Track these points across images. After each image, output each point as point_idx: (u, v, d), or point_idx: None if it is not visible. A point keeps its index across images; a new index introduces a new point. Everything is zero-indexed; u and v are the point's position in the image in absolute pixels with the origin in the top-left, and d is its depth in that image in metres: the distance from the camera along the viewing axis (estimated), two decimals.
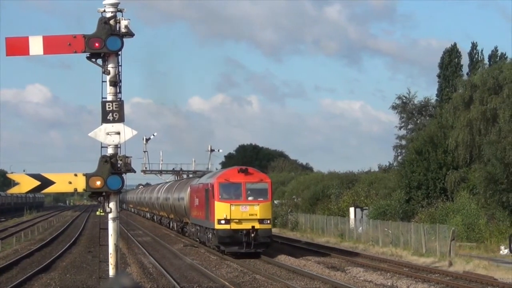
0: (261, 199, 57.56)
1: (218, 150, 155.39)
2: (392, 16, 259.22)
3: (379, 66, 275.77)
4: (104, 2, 20.90)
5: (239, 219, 56.37)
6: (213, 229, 58.33)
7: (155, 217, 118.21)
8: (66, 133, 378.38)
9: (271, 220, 59.61)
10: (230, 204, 56.73)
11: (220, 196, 57.38)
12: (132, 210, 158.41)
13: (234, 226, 56.21)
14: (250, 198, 57.37)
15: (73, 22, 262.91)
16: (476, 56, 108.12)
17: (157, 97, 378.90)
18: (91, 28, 20.69)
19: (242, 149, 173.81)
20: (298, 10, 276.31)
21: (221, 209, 56.65)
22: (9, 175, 24.27)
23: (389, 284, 43.19)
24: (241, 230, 56.09)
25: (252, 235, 55.77)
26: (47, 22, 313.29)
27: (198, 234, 68.55)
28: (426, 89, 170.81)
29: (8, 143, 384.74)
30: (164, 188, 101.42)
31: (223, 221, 56.33)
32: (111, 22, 20.71)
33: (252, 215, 56.40)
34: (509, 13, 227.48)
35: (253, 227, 55.99)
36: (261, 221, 56.32)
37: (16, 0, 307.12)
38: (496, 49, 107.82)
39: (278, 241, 72.32)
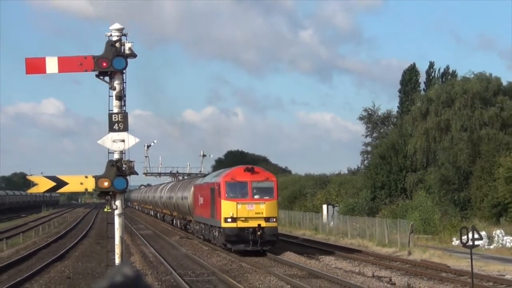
0: (267, 197, 51.14)
1: (209, 155, 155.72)
2: (358, 39, 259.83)
3: (347, 82, 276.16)
4: (110, 28, 20.86)
5: (245, 218, 50.14)
6: (220, 227, 52.11)
7: (158, 214, 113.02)
8: (77, 141, 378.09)
9: (277, 218, 53.24)
10: (237, 203, 50.41)
11: (226, 195, 51.14)
12: (136, 207, 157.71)
13: (240, 224, 50.09)
14: (256, 197, 50.98)
15: (81, 43, 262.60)
16: (432, 73, 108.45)
17: (155, 109, 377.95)
18: (96, 47, 20.72)
19: (230, 154, 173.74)
20: (276, 34, 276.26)
21: (228, 208, 50.51)
22: (29, 177, 24.16)
23: (356, 270, 43.12)
24: (248, 228, 49.88)
25: (259, 233, 49.64)
26: (58, 43, 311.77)
27: (203, 231, 62.27)
28: (388, 103, 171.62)
29: (27, 149, 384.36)
30: (167, 188, 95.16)
31: (229, 220, 50.21)
32: (117, 44, 20.66)
33: (258, 213, 50.17)
34: (460, 36, 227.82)
35: (259, 225, 49.81)
36: (267, 219, 50.13)
37: (29, 24, 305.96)
38: (448, 68, 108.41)
39: None
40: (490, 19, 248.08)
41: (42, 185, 22.12)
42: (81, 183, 21.60)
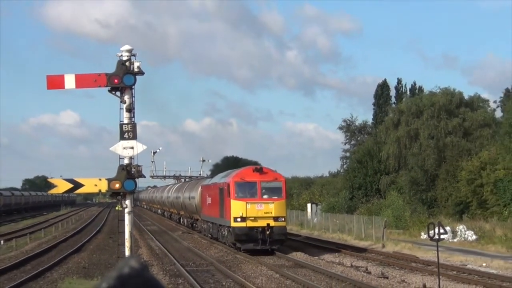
0: (276, 197, 46.63)
1: (208, 160, 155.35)
2: (337, 59, 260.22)
3: (328, 96, 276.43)
4: (121, 48, 20.90)
5: (254, 217, 45.72)
6: (229, 226, 47.49)
7: (165, 213, 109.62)
8: (91, 148, 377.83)
9: (286, 218, 49.14)
10: (246, 203, 46.02)
11: (236, 195, 46.67)
12: (145, 206, 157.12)
13: (249, 223, 45.67)
14: (265, 197, 46.58)
15: (95, 62, 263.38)
16: (401, 89, 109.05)
17: (160, 120, 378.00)
18: (108, 65, 20.69)
19: (226, 159, 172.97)
20: (265, 54, 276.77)
21: (237, 207, 46.10)
22: (49, 180, 24.19)
23: (337, 261, 43.17)
24: (257, 227, 45.57)
25: (267, 232, 45.26)
26: (74, 62, 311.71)
27: (211, 230, 57.35)
28: (364, 114, 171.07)
29: (48, 155, 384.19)
30: (174, 188, 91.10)
31: (239, 219, 45.80)
32: (127, 63, 20.67)
33: (267, 213, 45.80)
34: (426, 55, 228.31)
35: (268, 224, 45.39)
36: (276, 218, 45.71)
37: (50, 45, 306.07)
38: (415, 84, 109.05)
39: None
40: (453, 40, 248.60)
41: (61, 186, 22.15)
42: (95, 185, 21.62)
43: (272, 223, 45.53)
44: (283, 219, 46.57)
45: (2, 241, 56.53)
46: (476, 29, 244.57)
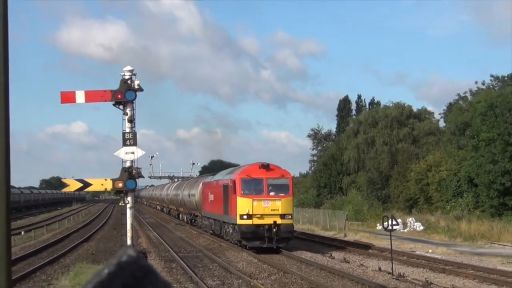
0: (282, 194, 40.05)
1: (197, 163, 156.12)
2: (305, 77, 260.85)
3: (297, 109, 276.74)
4: (124, 69, 20.86)
5: (261, 214, 39.29)
6: (235, 224, 40.84)
7: (164, 209, 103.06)
8: (98, 153, 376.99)
9: (293, 215, 41.81)
10: (253, 200, 39.42)
11: (242, 192, 40.17)
12: (144, 203, 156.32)
13: (256, 221, 39.28)
14: (271, 194, 40.02)
15: (101, 80, 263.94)
16: (360, 103, 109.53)
17: (156, 129, 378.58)
18: (111, 82, 20.65)
19: (212, 162, 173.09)
20: (244, 73, 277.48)
21: (243, 205, 39.66)
22: (62, 180, 24.05)
23: (306, 248, 43.15)
24: (263, 225, 39.19)
25: (274, 230, 38.93)
26: (84, 80, 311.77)
27: (213, 227, 50.40)
28: (328, 124, 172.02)
29: (61, 159, 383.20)
30: (173, 187, 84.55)
31: (245, 216, 39.41)
32: (129, 81, 20.63)
33: (274, 210, 39.34)
34: (380, 74, 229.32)
35: (275, 222, 38.97)
36: (282, 216, 39.22)
37: (63, 65, 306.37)
38: (373, 98, 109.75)
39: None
40: (403, 62, 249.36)
41: (73, 185, 22.07)
42: (102, 184, 21.54)
43: (279, 221, 38.88)
44: (290, 217, 39.83)
45: (22, 232, 56.27)
46: (422, 52, 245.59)
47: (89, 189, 22.16)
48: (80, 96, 20.82)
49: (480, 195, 62.06)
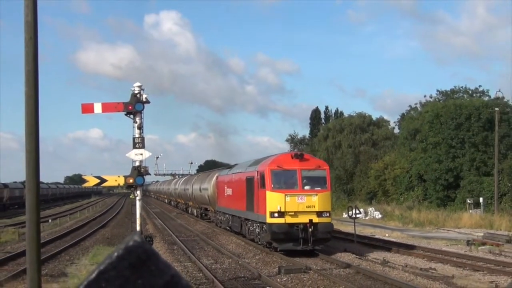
0: (319, 188, 29.52)
1: (194, 163, 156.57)
2: (282, 91, 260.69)
3: (277, 118, 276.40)
4: (134, 85, 20.81)
5: (294, 212, 28.77)
6: (263, 223, 29.99)
7: (171, 202, 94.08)
8: (112, 154, 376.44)
9: (331, 213, 30.22)
10: (285, 195, 28.81)
11: (272, 186, 29.37)
12: (152, 196, 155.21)
13: (289, 220, 28.74)
14: (306, 188, 29.49)
15: (112, 93, 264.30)
16: (328, 113, 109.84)
17: (160, 135, 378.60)
18: (122, 95, 20.66)
19: (207, 162, 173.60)
20: (231, 88, 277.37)
21: (274, 200, 28.96)
22: (83, 176, 23.93)
23: None
24: (298, 224, 28.69)
25: (310, 230, 28.59)
26: (99, 94, 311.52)
27: (230, 223, 39.91)
28: (302, 131, 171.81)
29: (81, 159, 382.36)
30: (182, 181, 76.46)
31: (276, 214, 28.76)
32: (138, 95, 20.59)
33: (309, 207, 28.93)
34: (344, 88, 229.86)
35: (310, 220, 28.64)
36: (319, 213, 28.88)
37: (82, 82, 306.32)
38: (338, 109, 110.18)
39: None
40: (362, 78, 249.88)
41: (91, 181, 22.00)
42: (116, 180, 21.51)
43: (316, 219, 28.66)
44: (328, 214, 29.21)
45: (50, 220, 56.03)
46: (379, 71, 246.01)
47: (105, 184, 22.09)
48: (97, 108, 20.74)
49: (428, 189, 62.35)
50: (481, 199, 53.28)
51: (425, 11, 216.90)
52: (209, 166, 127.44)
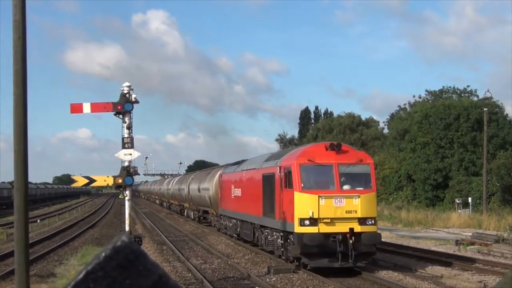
0: (361, 188, 22.88)
1: (184, 163, 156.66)
2: (271, 91, 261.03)
3: (266, 118, 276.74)
4: (123, 84, 20.75)
5: (331, 219, 22.23)
6: (290, 232, 23.18)
7: (164, 203, 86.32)
8: (100, 154, 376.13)
9: (376, 220, 23.28)
10: (319, 196, 22.19)
11: (302, 185, 22.68)
12: (142, 196, 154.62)
13: (324, 228, 22.17)
14: (346, 187, 22.78)
15: (99, 93, 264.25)
16: (318, 113, 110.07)
17: (149, 135, 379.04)
18: (111, 95, 20.58)
19: (196, 162, 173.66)
20: (220, 87, 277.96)
21: (305, 204, 22.34)
22: (72, 177, 23.84)
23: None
24: (335, 234, 22.12)
25: (351, 241, 22.12)
26: (88, 94, 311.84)
27: (238, 230, 33.03)
28: (291, 131, 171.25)
29: (70, 159, 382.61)
30: (175, 181, 69.92)
31: (307, 222, 22.16)
32: (127, 95, 20.54)
33: (349, 212, 22.37)
34: (333, 88, 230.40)
35: (351, 229, 22.16)
36: (362, 220, 22.36)
37: (71, 82, 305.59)
38: (327, 109, 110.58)
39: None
40: (351, 78, 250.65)
41: (80, 181, 21.93)
42: (105, 180, 21.42)
43: (358, 228, 22.08)
44: (372, 222, 22.52)
45: (38, 220, 55.84)
46: (367, 70, 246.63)
47: (94, 184, 21.99)
48: (86, 107, 20.67)
49: (417, 189, 62.55)
50: (469, 199, 53.50)
51: (413, 11, 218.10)
52: (199, 166, 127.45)
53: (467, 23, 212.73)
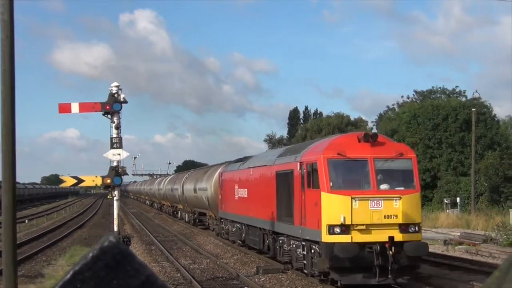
0: (402, 188, 18.10)
1: (173, 163, 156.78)
2: (259, 90, 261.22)
3: (255, 118, 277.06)
4: (111, 84, 20.70)
5: (366, 225, 17.38)
6: (316, 242, 18.21)
7: (155, 204, 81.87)
8: (89, 154, 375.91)
9: (421, 226, 18.33)
10: (352, 198, 17.35)
11: (331, 184, 17.79)
12: (131, 197, 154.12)
13: (358, 237, 17.36)
14: (383, 187, 17.91)
15: (87, 92, 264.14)
16: (307, 113, 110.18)
17: (137, 135, 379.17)
18: (99, 95, 20.53)
19: (185, 162, 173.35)
20: (208, 87, 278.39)
21: (335, 207, 17.52)
22: (60, 177, 23.80)
23: None
24: (371, 244, 17.33)
25: (391, 253, 17.20)
26: (76, 93, 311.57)
27: (244, 235, 29.21)
28: (280, 131, 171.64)
29: (58, 159, 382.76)
30: (167, 180, 65.48)
31: (337, 229, 17.35)
32: (115, 95, 20.51)
33: (389, 217, 17.44)
34: (322, 89, 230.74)
35: (391, 238, 17.32)
36: (405, 227, 17.63)
37: (59, 82, 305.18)
38: (317, 109, 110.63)
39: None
40: (339, 78, 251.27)
41: (68, 181, 21.89)
42: (93, 180, 21.40)
43: (399, 236, 17.85)
44: (416, 228, 18.21)
45: (26, 220, 55.64)
46: (355, 70, 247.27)
47: (82, 184, 21.96)
48: (75, 107, 20.61)
49: None
50: (458, 199, 53.69)
51: (401, 11, 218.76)
52: (188, 166, 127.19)
53: (455, 23, 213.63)
